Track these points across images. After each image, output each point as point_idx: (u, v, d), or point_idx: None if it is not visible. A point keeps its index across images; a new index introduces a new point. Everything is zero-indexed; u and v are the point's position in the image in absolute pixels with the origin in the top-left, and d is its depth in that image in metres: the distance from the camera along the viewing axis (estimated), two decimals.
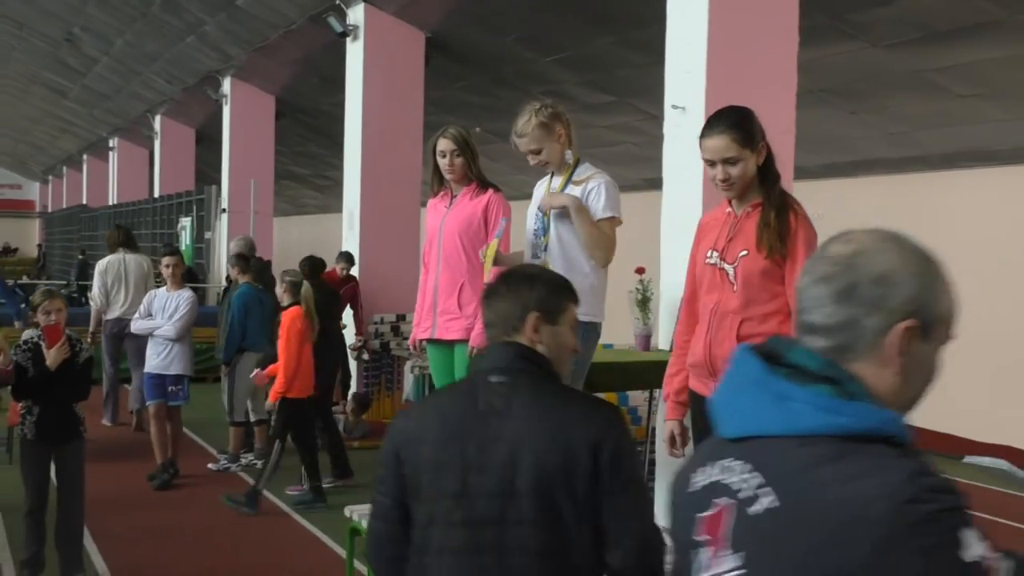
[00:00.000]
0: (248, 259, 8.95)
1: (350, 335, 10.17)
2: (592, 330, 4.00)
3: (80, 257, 23.54)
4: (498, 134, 4.46)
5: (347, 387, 10.06)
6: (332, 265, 10.60)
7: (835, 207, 11.10)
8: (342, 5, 10.78)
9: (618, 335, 7.03)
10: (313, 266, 8.62)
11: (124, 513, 7.07)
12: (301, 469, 7.54)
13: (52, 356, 5.31)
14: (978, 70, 7.88)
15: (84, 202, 28.60)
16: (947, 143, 9.44)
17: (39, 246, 37.58)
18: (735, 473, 1.48)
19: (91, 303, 10.31)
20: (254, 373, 7.79)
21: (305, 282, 7.47)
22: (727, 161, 3.33)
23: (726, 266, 3.29)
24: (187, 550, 6.36)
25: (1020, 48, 7.35)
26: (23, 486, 5.44)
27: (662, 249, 6.09)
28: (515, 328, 2.44)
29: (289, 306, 7.32)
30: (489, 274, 4.20)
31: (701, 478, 1.56)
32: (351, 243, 10.97)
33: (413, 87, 11.02)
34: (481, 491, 2.27)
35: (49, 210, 38.37)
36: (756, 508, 1.41)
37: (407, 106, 10.91)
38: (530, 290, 2.46)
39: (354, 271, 10.49)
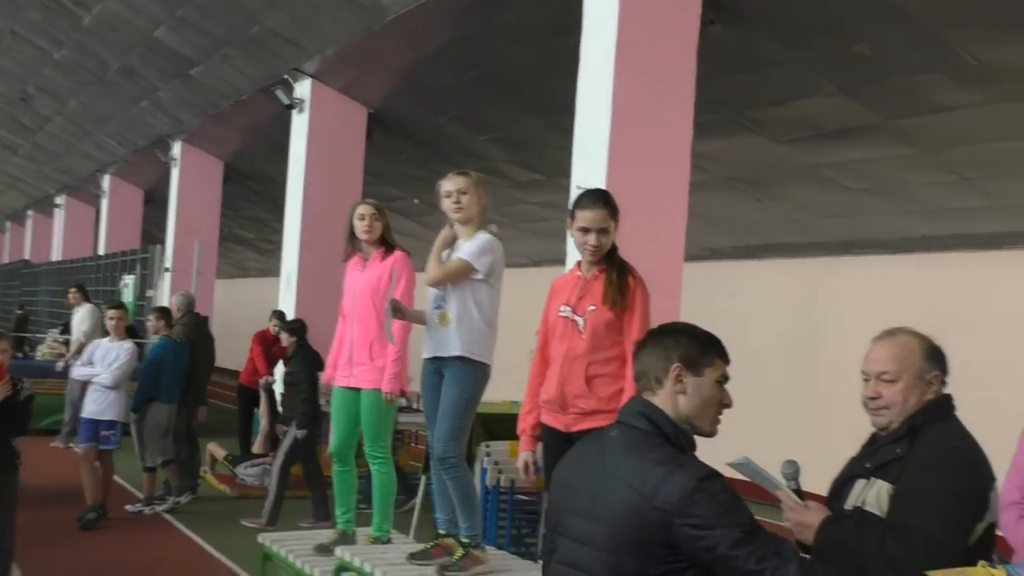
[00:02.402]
0: (170, 313, 9.47)
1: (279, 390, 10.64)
2: (482, 370, 4.60)
3: (19, 312, 23.62)
4: (435, 206, 5.00)
5: (276, 440, 10.46)
6: (267, 324, 11.17)
7: (746, 286, 11.94)
8: (290, 79, 11.43)
9: (522, 390, 7.61)
10: (298, 327, 9.14)
11: (51, 548, 7.43)
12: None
13: None
14: (863, 167, 8.71)
15: (27, 257, 28.70)
16: (841, 231, 10.26)
17: None
18: None
19: (74, 344, 12.52)
20: None
21: None
22: (601, 231, 3.99)
23: (577, 318, 3.96)
24: None
25: (895, 149, 8.18)
26: None
27: None
28: (658, 380, 2.54)
29: None
30: (391, 325, 4.84)
31: None
32: (287, 303, 11.48)
33: (354, 159, 11.67)
34: (570, 532, 2.52)
35: None
36: None
37: (348, 176, 11.53)
38: (675, 343, 2.56)
39: None
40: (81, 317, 13.02)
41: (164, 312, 9.48)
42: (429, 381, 4.72)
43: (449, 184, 4.66)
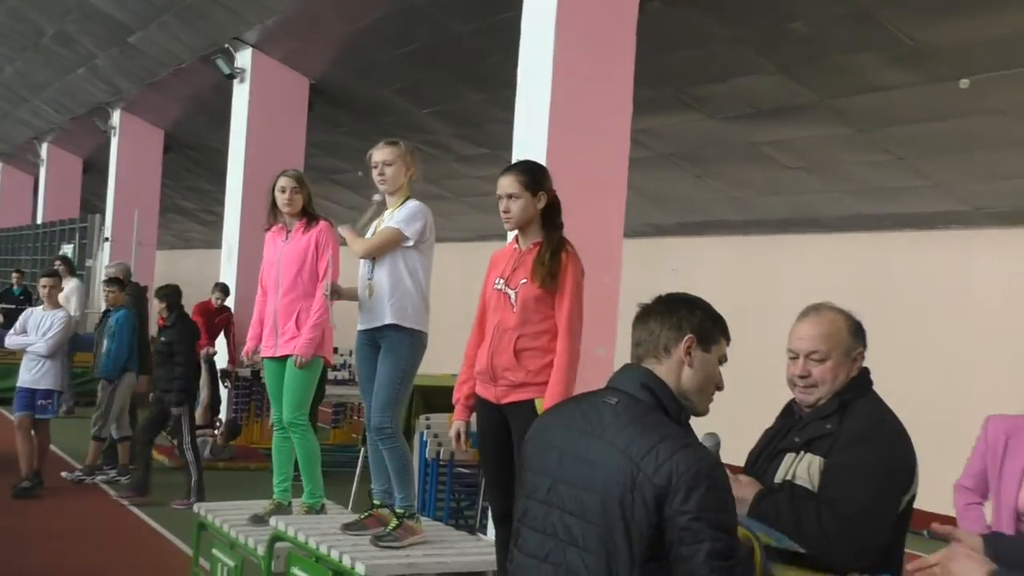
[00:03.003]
0: (123, 283, 9.35)
1: (222, 362, 10.62)
2: (418, 339, 4.62)
3: None
4: None
5: (216, 411, 10.49)
6: (209, 296, 11.09)
7: (687, 263, 12.06)
8: (230, 48, 11.28)
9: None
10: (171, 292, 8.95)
11: None
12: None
13: None
14: (801, 145, 8.82)
15: None
16: (780, 209, 10.39)
17: None
18: None
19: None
20: None
21: None
22: (510, 196, 4.03)
23: (509, 291, 4.00)
24: (37, 550, 6.74)
25: (831, 128, 8.29)
26: None
27: None
28: (666, 348, 2.44)
29: None
30: (330, 305, 4.87)
31: None
32: (228, 275, 11.39)
33: (295, 129, 11.56)
34: (560, 503, 2.35)
35: None
36: None
37: (289, 147, 11.40)
38: (690, 314, 2.48)
39: (228, 301, 10.92)
40: (66, 295, 11.74)
41: (120, 283, 9.33)
42: (363, 353, 4.74)
43: (376, 155, 4.67)
